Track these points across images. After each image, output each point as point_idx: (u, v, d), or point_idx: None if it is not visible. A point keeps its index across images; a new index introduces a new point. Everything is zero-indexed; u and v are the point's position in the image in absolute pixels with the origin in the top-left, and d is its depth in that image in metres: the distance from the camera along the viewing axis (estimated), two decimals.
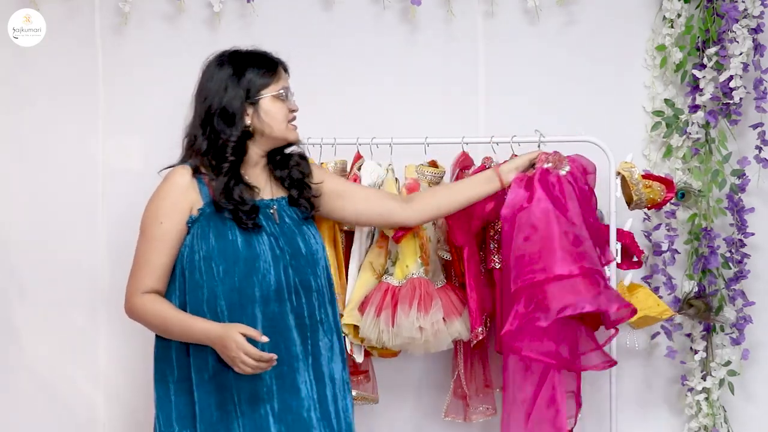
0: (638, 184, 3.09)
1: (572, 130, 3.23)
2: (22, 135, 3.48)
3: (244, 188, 2.62)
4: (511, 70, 3.45)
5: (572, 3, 3.42)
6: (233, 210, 2.58)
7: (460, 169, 3.18)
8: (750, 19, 3.23)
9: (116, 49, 3.46)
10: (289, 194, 2.73)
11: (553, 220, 2.76)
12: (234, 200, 2.59)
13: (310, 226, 2.74)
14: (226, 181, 2.60)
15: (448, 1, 3.41)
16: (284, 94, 2.68)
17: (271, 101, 2.66)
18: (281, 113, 2.67)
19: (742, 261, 3.30)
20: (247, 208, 2.60)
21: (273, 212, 2.67)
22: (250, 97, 2.64)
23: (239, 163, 2.64)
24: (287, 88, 2.70)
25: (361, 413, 3.37)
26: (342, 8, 3.45)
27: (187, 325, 2.54)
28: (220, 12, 3.39)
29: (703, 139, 3.35)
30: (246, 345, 2.46)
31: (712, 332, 3.35)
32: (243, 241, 2.57)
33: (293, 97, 2.72)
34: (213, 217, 2.59)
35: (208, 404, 2.56)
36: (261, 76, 2.65)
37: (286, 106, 2.68)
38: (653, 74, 3.41)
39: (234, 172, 2.62)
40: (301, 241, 2.67)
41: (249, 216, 2.59)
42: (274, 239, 2.62)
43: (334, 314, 2.72)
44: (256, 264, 2.57)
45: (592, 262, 2.76)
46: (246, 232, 2.59)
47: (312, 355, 2.63)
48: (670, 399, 3.47)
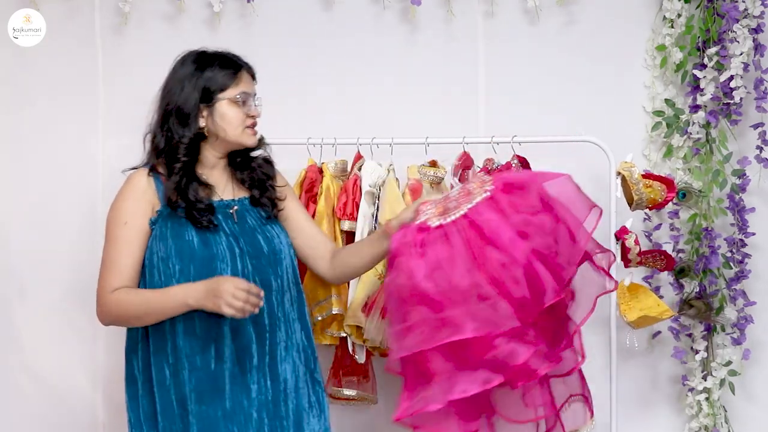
0: (638, 183, 3.09)
1: (572, 130, 3.24)
2: (22, 135, 3.48)
3: (200, 187, 2.61)
4: (511, 70, 3.45)
5: (572, 3, 3.42)
6: (186, 209, 2.57)
7: (461, 169, 3.18)
8: (750, 19, 3.23)
9: (116, 49, 3.47)
10: (251, 194, 2.71)
11: (406, 294, 2.47)
12: (188, 200, 2.58)
13: (275, 225, 2.71)
14: (177, 181, 2.59)
15: (448, 1, 3.41)
16: (242, 98, 2.63)
17: (228, 105, 2.63)
18: (237, 118, 2.63)
19: (743, 261, 3.30)
20: (202, 206, 2.59)
21: (233, 212, 2.66)
22: (205, 99, 2.61)
23: (193, 164, 2.63)
24: (247, 92, 2.64)
25: (361, 413, 3.38)
26: (342, 8, 3.45)
27: (164, 292, 2.53)
28: (220, 12, 3.39)
29: (703, 139, 3.35)
30: (237, 279, 2.46)
31: (713, 332, 3.35)
32: (199, 241, 2.57)
33: (256, 103, 2.67)
34: (170, 218, 2.59)
35: (169, 403, 2.56)
36: (220, 78, 2.62)
37: (243, 111, 2.64)
38: (653, 74, 3.41)
39: (187, 171, 2.61)
40: (263, 240, 2.65)
41: (203, 215, 2.58)
42: (234, 239, 2.61)
43: (300, 313, 2.70)
44: (213, 264, 2.55)
45: (489, 325, 2.43)
46: (203, 232, 2.57)
47: (269, 354, 2.61)
48: (670, 399, 3.47)
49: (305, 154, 3.20)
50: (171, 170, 2.60)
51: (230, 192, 2.69)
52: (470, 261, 2.45)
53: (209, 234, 2.58)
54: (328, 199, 3.14)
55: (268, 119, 3.30)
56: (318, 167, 3.19)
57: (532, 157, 3.20)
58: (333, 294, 3.06)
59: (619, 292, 3.13)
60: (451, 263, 2.45)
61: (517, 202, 2.49)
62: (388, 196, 3.09)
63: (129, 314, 2.56)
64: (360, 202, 3.12)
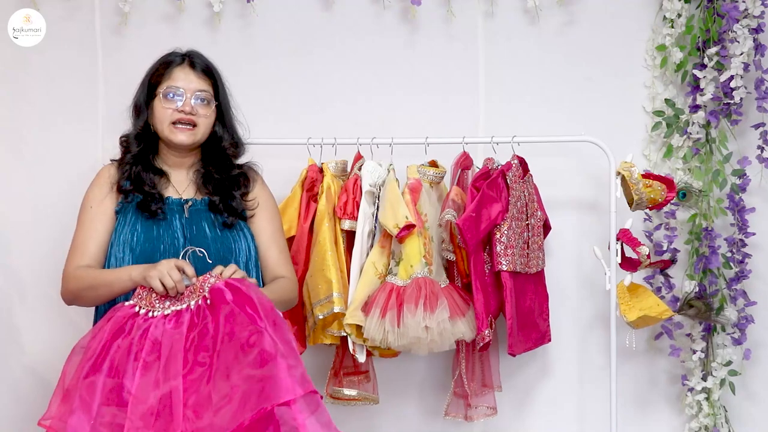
0: (638, 183, 3.09)
1: (572, 130, 3.24)
2: (22, 135, 3.47)
3: (154, 176, 2.66)
4: (511, 70, 3.45)
5: (572, 3, 3.41)
6: (142, 199, 2.61)
7: (461, 169, 3.18)
8: (750, 18, 3.23)
9: (116, 49, 3.46)
10: (211, 199, 2.70)
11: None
12: (142, 190, 2.63)
13: (231, 232, 2.67)
14: (128, 170, 2.65)
15: (448, 1, 3.41)
16: (167, 93, 2.64)
17: (158, 100, 2.66)
18: (163, 114, 2.65)
19: (743, 261, 3.30)
20: (154, 194, 2.63)
21: (185, 207, 2.67)
22: (149, 95, 2.67)
23: (146, 155, 2.68)
24: (175, 87, 2.64)
25: (361, 413, 3.38)
26: (342, 8, 3.45)
27: (115, 269, 2.57)
28: (220, 12, 3.39)
29: (703, 139, 3.35)
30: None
31: (713, 332, 3.35)
32: (143, 234, 2.59)
33: (189, 98, 2.64)
34: (126, 209, 2.63)
35: None
36: (157, 74, 2.67)
37: (170, 106, 2.64)
38: (653, 74, 3.41)
39: (139, 161, 2.66)
40: (210, 240, 2.62)
41: (154, 203, 2.61)
42: (181, 235, 2.62)
43: None
44: (155, 258, 2.56)
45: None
46: (149, 225, 2.60)
47: None
48: (670, 399, 3.47)
49: (305, 154, 3.20)
50: (123, 160, 2.69)
51: (192, 192, 2.72)
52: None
53: (156, 228, 2.61)
54: (329, 199, 3.14)
55: (268, 119, 3.32)
56: (318, 167, 3.19)
57: (532, 157, 3.21)
58: (334, 292, 3.06)
59: (619, 292, 3.13)
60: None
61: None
62: (389, 195, 3.09)
63: (83, 285, 2.59)
64: (360, 201, 3.13)
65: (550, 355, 3.44)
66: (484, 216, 3.03)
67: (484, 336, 3.04)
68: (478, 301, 3.04)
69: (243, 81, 3.38)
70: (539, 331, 3.24)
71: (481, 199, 3.04)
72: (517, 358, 3.23)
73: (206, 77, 2.68)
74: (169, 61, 2.68)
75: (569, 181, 3.41)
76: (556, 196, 3.37)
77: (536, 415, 3.48)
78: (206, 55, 2.75)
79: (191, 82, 2.65)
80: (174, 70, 2.66)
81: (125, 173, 2.66)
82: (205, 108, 2.67)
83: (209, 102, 2.68)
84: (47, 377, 3.50)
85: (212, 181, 2.71)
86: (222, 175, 2.72)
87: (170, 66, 2.67)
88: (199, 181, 2.72)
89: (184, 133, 2.65)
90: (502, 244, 3.08)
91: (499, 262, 3.08)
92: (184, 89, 2.64)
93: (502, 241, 3.08)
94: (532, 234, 3.18)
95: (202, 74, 2.68)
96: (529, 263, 3.16)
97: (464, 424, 3.32)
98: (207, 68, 2.70)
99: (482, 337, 3.04)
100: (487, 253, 3.11)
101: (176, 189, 2.70)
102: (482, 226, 3.04)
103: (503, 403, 3.35)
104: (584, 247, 3.35)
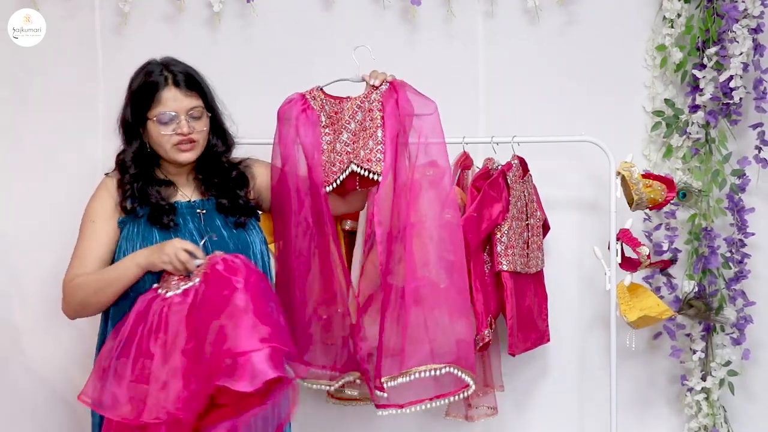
0: (638, 183, 3.09)
1: (572, 130, 3.24)
2: (22, 135, 3.47)
3: (161, 188, 2.69)
4: (511, 70, 3.45)
5: (572, 3, 3.41)
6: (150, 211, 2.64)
7: (461, 169, 3.18)
8: (750, 19, 3.23)
9: (116, 49, 3.46)
10: (218, 201, 2.74)
11: None
12: (150, 203, 2.65)
13: (243, 231, 2.73)
14: (129, 190, 2.67)
15: (448, 1, 3.41)
16: (163, 119, 2.65)
17: (153, 125, 2.67)
18: (163, 138, 2.66)
19: (743, 261, 3.30)
20: (164, 206, 2.65)
21: (200, 213, 2.70)
22: (139, 120, 2.68)
23: (146, 172, 2.69)
24: (168, 112, 2.65)
25: (362, 413, 3.38)
26: (342, 8, 3.45)
27: (119, 262, 2.61)
28: (220, 12, 3.39)
29: (703, 139, 3.35)
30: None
31: (712, 332, 3.35)
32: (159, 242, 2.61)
33: (183, 120, 2.67)
34: (135, 222, 2.65)
35: None
36: (144, 98, 2.67)
37: (167, 130, 2.66)
38: (653, 74, 3.41)
39: (140, 177, 2.67)
40: (228, 237, 2.68)
41: (165, 215, 2.64)
42: (198, 236, 2.65)
43: None
44: None
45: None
46: (163, 236, 2.62)
47: None
48: (670, 399, 3.47)
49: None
50: (122, 180, 2.69)
51: (198, 194, 2.75)
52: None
53: (172, 234, 2.63)
54: None
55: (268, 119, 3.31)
56: None
57: (532, 157, 3.21)
58: None
59: (619, 292, 3.13)
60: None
61: None
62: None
63: (89, 291, 2.62)
64: None
65: (550, 355, 3.44)
66: (485, 216, 3.04)
67: (483, 336, 3.04)
68: (478, 302, 3.04)
69: (243, 81, 3.40)
70: (538, 331, 3.24)
71: (482, 199, 3.04)
72: (517, 358, 3.24)
73: (193, 92, 2.69)
74: (153, 82, 2.67)
75: (569, 181, 3.41)
76: (556, 196, 3.37)
77: (536, 415, 3.48)
78: (206, 55, 2.76)
79: (181, 102, 2.67)
80: (161, 94, 2.66)
81: (127, 193, 2.67)
82: (200, 122, 2.70)
83: (202, 115, 2.70)
84: (47, 377, 3.51)
85: (214, 185, 2.75)
86: (221, 177, 2.76)
87: (156, 90, 2.66)
88: (200, 187, 2.77)
89: (187, 152, 2.69)
90: (502, 244, 3.08)
91: (500, 263, 3.08)
92: (177, 111, 2.66)
93: (503, 241, 3.08)
94: (531, 234, 3.18)
95: (188, 90, 2.69)
96: (528, 263, 3.17)
97: (465, 424, 3.32)
98: (190, 80, 2.70)
99: (482, 337, 3.04)
100: (486, 253, 3.12)
101: (183, 193, 2.73)
102: (483, 226, 3.04)
103: (503, 403, 3.35)
104: (584, 247, 3.35)
